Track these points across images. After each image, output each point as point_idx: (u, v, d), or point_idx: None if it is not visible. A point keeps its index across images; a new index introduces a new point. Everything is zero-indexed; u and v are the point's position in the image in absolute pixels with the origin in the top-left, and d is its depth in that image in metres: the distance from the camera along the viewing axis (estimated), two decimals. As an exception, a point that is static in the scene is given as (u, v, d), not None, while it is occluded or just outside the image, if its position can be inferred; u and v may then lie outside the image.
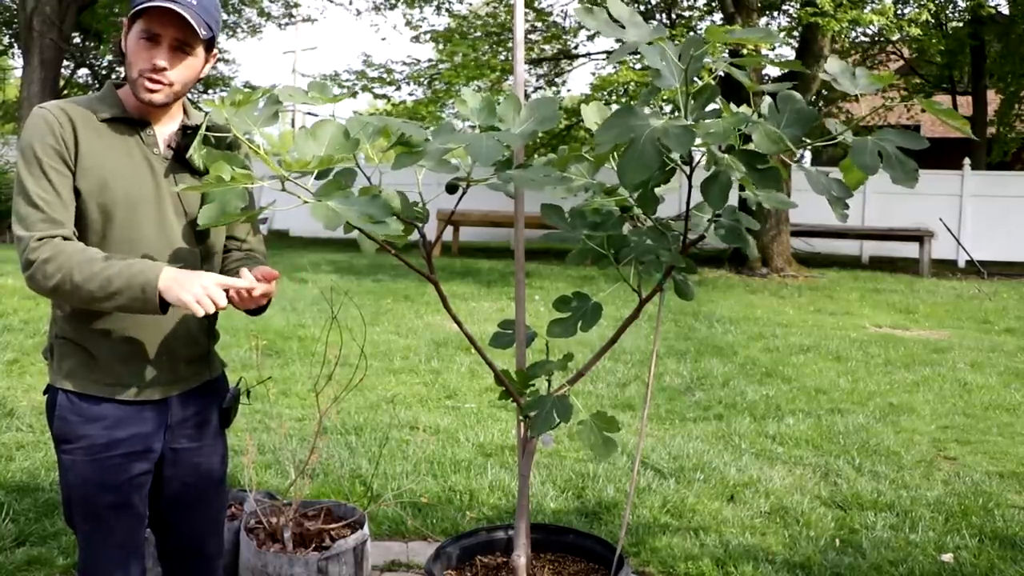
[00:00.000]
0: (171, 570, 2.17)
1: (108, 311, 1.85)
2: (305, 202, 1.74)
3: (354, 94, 15.04)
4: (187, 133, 1.96)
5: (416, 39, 15.99)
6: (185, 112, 2.01)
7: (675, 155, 1.84)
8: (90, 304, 1.79)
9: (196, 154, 1.88)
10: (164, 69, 1.83)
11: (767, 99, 1.84)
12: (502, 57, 13.95)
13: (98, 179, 1.85)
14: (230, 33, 21.07)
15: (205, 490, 2.10)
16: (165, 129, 1.96)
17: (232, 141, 2.00)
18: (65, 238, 1.80)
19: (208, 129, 1.93)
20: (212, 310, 1.74)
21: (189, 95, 2.03)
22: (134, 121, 1.91)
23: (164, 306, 1.77)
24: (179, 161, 1.94)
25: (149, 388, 1.94)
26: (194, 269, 1.92)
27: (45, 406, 1.98)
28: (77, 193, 1.85)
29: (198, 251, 1.98)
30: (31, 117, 1.85)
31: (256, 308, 1.96)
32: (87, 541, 1.97)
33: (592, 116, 2.11)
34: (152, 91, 1.85)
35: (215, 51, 1.97)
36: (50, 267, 1.76)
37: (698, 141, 1.73)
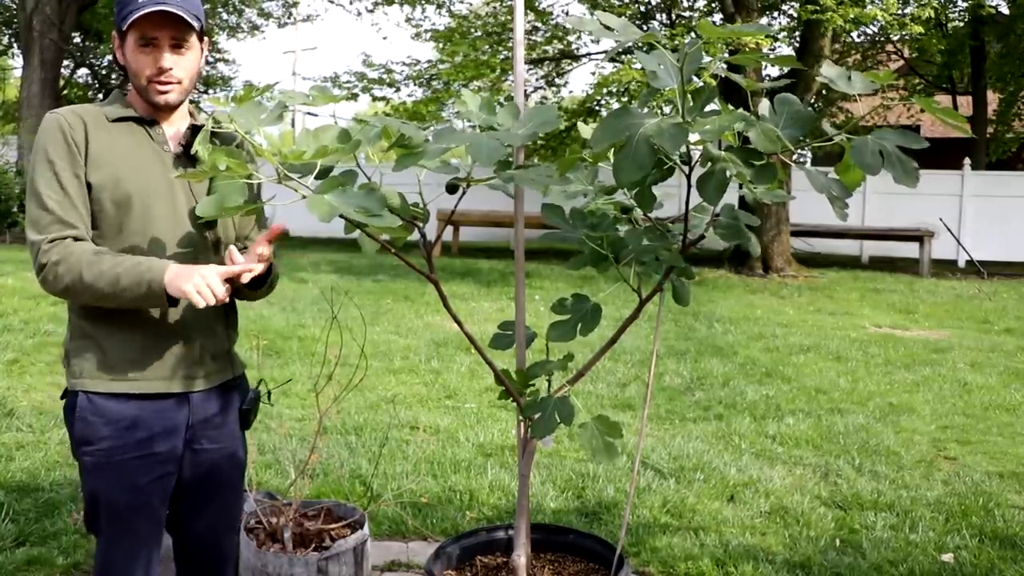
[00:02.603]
0: (185, 570, 2.18)
1: (118, 307, 1.87)
2: (303, 196, 1.76)
3: (354, 96, 15.03)
4: (196, 132, 2.00)
5: (416, 36, 15.95)
6: (191, 114, 2.06)
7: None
8: (100, 301, 1.84)
9: (200, 148, 1.90)
10: (170, 69, 1.90)
11: (765, 101, 1.85)
12: (502, 57, 13.94)
13: (112, 175, 1.89)
14: (230, 33, 21.09)
15: (223, 491, 2.11)
16: (173, 128, 2.01)
17: (240, 141, 2.03)
18: (76, 238, 1.84)
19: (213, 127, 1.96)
20: (212, 301, 1.78)
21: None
22: (143, 120, 1.96)
23: (172, 301, 1.82)
24: (188, 158, 1.98)
25: (168, 381, 1.95)
26: (206, 259, 1.97)
27: (64, 411, 1.98)
28: (91, 188, 1.89)
29: (209, 242, 2.01)
30: (44, 122, 1.91)
31: (262, 282, 2.00)
32: (108, 543, 1.98)
33: (589, 133, 2.12)
34: (165, 92, 1.92)
35: (206, 39, 2.02)
36: (61, 268, 1.81)
37: (696, 139, 1.74)
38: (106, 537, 1.97)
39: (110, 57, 20.11)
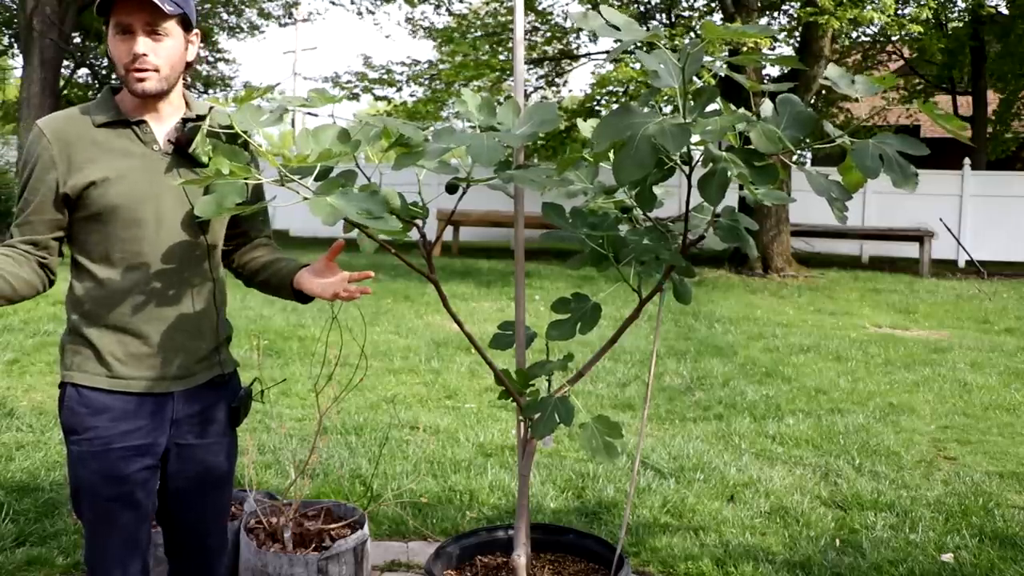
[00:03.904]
0: (176, 564, 2.21)
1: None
2: (305, 199, 1.75)
3: (355, 96, 15.03)
4: (187, 125, 1.98)
5: (413, 32, 15.91)
6: (187, 104, 2.03)
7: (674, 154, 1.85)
8: None
9: (200, 149, 1.89)
10: (144, 55, 1.87)
11: (767, 102, 1.85)
12: (502, 57, 13.94)
13: (98, 185, 1.90)
14: (230, 33, 21.09)
15: (209, 486, 2.13)
16: (165, 125, 1.98)
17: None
18: (29, 242, 1.92)
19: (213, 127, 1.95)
20: None
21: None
22: (130, 122, 1.95)
23: None
24: (181, 155, 1.96)
25: (155, 382, 1.98)
26: (198, 262, 2.00)
27: (57, 402, 2.03)
28: (79, 199, 1.91)
29: (203, 244, 2.02)
30: (30, 136, 1.94)
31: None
32: (91, 532, 2.02)
33: (589, 130, 2.12)
34: (141, 80, 1.89)
35: (195, 30, 1.99)
36: None
37: (696, 139, 1.74)
38: (90, 526, 2.02)
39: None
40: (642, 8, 14.86)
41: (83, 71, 20.49)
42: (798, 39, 12.90)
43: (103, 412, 1.95)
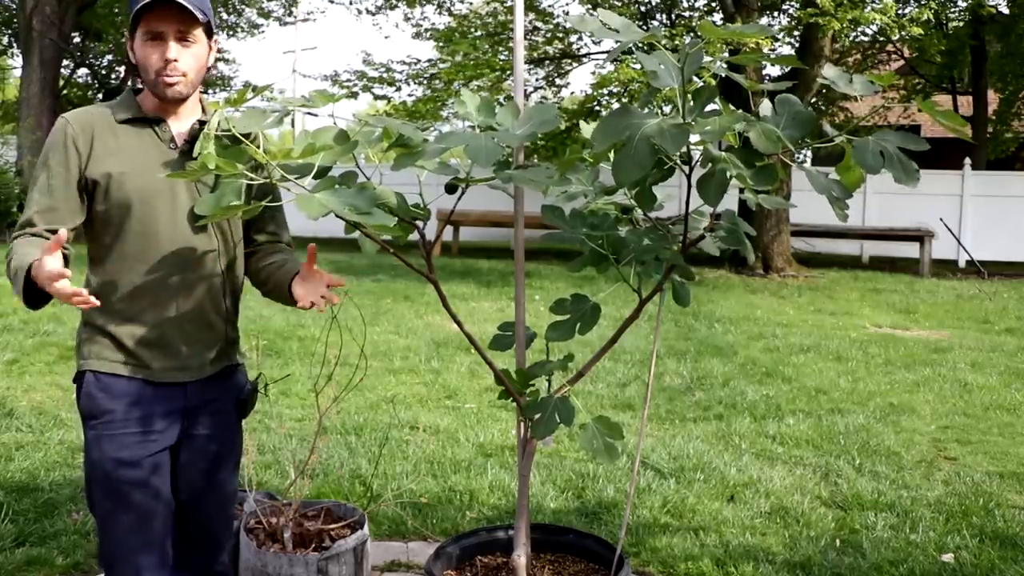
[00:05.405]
0: (181, 554, 2.23)
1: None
2: (296, 195, 1.77)
3: (354, 95, 15.04)
4: (202, 127, 2.04)
5: (417, 35, 15.94)
6: (203, 108, 2.10)
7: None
8: (16, 289, 1.87)
9: (202, 150, 1.92)
10: (175, 61, 1.94)
11: (767, 101, 1.85)
12: (503, 57, 13.93)
13: (115, 178, 1.96)
14: (230, 33, 21.10)
15: (218, 477, 2.18)
16: (182, 125, 2.05)
17: (254, 138, 2.06)
18: (50, 231, 1.92)
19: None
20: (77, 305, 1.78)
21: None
22: (150, 120, 2.02)
23: (41, 296, 1.82)
24: (193, 155, 2.01)
25: (169, 372, 2.04)
26: (210, 257, 2.06)
27: (75, 392, 2.07)
28: (95, 188, 1.97)
29: (215, 241, 2.07)
30: (54, 128, 2.00)
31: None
32: (105, 525, 2.05)
33: (589, 132, 2.13)
34: (171, 85, 1.96)
35: (215, 37, 2.07)
36: (8, 255, 1.91)
37: (696, 140, 1.74)
38: (103, 520, 2.05)
39: (110, 57, 20.12)
40: (642, 8, 14.85)
41: (83, 71, 20.49)
42: (798, 39, 12.89)
43: (120, 397, 2.00)
